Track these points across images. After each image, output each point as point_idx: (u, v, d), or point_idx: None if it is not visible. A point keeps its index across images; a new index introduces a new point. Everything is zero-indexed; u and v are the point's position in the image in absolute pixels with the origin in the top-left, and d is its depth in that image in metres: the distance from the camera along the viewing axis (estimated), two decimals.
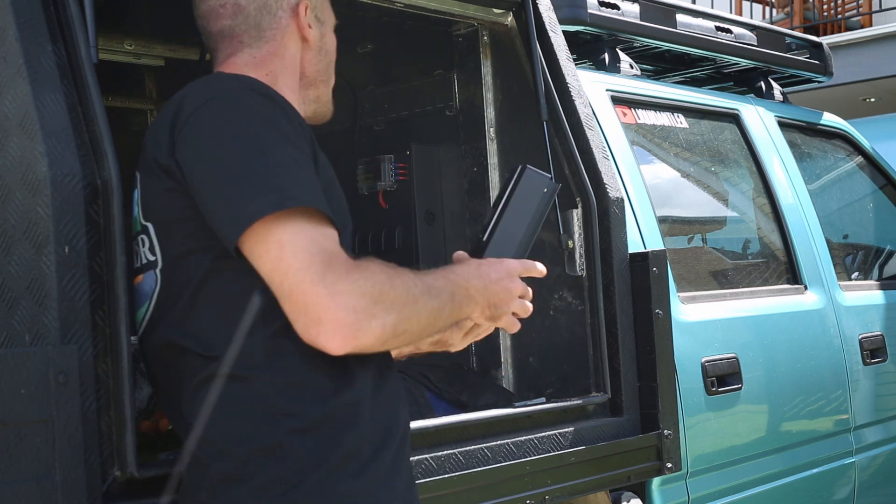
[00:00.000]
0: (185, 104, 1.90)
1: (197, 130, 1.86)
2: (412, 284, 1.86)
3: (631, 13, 3.99)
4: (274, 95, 1.92)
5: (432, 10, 2.92)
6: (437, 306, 1.90)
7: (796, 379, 3.88)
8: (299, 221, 1.78)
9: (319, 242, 1.79)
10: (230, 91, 1.91)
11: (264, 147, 1.82)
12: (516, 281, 2.07)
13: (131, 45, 3.24)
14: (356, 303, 1.76)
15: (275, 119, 1.86)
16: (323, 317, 1.75)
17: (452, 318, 1.96)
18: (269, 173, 1.80)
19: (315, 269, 1.76)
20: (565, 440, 2.76)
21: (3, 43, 1.98)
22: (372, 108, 3.39)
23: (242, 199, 1.78)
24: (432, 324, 1.91)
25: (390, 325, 1.80)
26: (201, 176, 1.84)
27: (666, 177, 4.05)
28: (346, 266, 1.78)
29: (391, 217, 3.12)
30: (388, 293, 1.80)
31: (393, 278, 1.83)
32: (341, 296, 1.75)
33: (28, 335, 1.91)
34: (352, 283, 1.76)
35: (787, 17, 11.76)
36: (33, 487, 1.82)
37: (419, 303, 1.85)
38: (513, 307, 2.07)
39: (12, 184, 1.95)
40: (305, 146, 1.89)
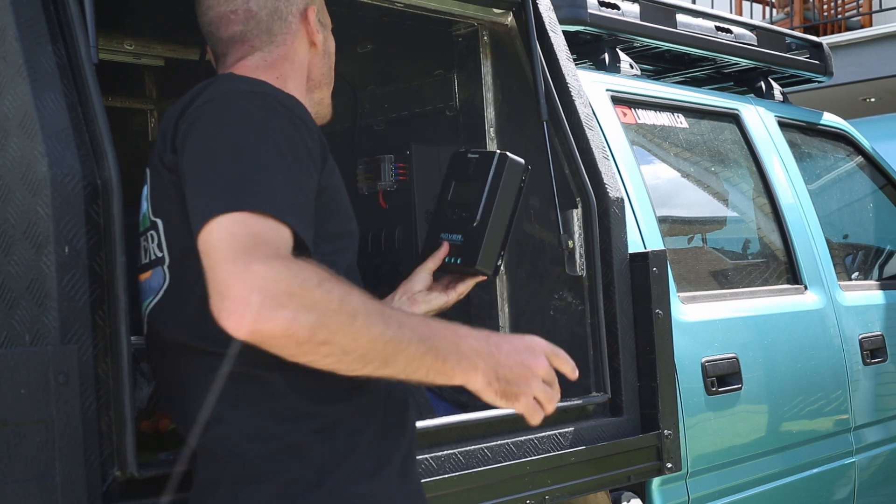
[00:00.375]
0: (192, 103, 1.91)
1: (195, 128, 1.87)
2: (356, 300, 1.70)
3: (631, 13, 3.99)
4: (283, 99, 1.92)
5: (432, 10, 2.92)
6: (393, 338, 1.71)
7: (796, 379, 3.89)
8: (245, 216, 1.73)
9: (251, 227, 1.71)
10: (235, 93, 1.91)
11: (247, 150, 1.81)
12: (539, 358, 1.88)
13: (131, 45, 3.24)
14: (265, 286, 1.63)
15: (271, 124, 1.86)
16: (226, 293, 1.64)
17: (431, 368, 1.76)
18: (241, 176, 1.78)
19: (233, 248, 1.68)
20: (565, 440, 2.77)
21: (3, 43, 1.98)
22: (372, 108, 3.39)
23: (205, 198, 1.77)
24: (383, 354, 1.71)
25: (304, 326, 1.64)
26: (186, 172, 1.85)
27: (666, 177, 4.05)
28: (271, 253, 1.68)
29: (391, 217, 3.12)
30: (312, 292, 1.66)
31: (327, 282, 1.68)
32: (250, 275, 1.64)
33: (28, 335, 1.91)
34: (268, 268, 1.65)
35: (787, 17, 11.76)
36: (33, 487, 1.82)
37: (356, 320, 1.68)
38: (533, 389, 1.86)
39: (12, 184, 1.95)
40: (304, 153, 1.87)
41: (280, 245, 1.72)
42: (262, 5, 2.11)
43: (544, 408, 1.89)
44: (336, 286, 1.69)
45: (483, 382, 1.82)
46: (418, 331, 1.76)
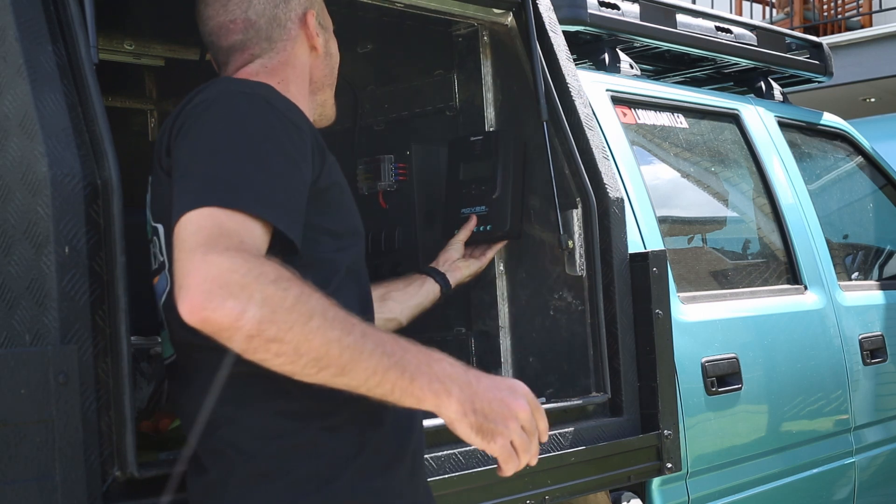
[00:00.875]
0: (185, 106, 1.93)
1: (183, 131, 1.88)
2: (315, 302, 1.67)
3: (631, 13, 3.99)
4: (279, 102, 1.93)
5: (432, 10, 2.92)
6: (351, 345, 1.67)
7: (796, 379, 3.89)
8: (214, 210, 1.73)
9: (218, 220, 1.71)
10: (225, 94, 1.92)
11: (229, 148, 1.82)
12: (520, 401, 1.78)
13: (131, 45, 3.24)
14: (218, 276, 1.62)
15: (256, 123, 1.87)
16: (183, 281, 1.64)
17: (397, 385, 1.70)
18: (217, 173, 1.78)
19: (197, 239, 1.68)
20: (565, 440, 2.77)
21: (3, 43, 1.98)
22: (372, 108, 3.39)
23: (182, 195, 1.78)
24: (339, 360, 1.67)
25: (253, 319, 1.61)
26: (173, 174, 1.87)
27: (666, 177, 4.05)
28: (232, 245, 1.67)
29: (391, 217, 3.12)
30: (266, 287, 1.63)
31: (285, 280, 1.66)
32: (206, 265, 1.63)
33: (28, 335, 1.91)
34: (224, 258, 1.64)
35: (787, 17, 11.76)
36: (33, 487, 1.82)
37: (311, 321, 1.65)
38: (511, 430, 1.76)
39: (12, 184, 1.95)
40: (291, 151, 1.87)
41: (245, 239, 1.71)
42: (260, 13, 2.12)
43: (519, 456, 1.77)
44: (294, 286, 1.66)
45: (458, 411, 1.73)
46: (385, 345, 1.70)
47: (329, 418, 1.85)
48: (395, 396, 1.71)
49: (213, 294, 1.62)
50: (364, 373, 1.68)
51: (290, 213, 1.82)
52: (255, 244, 1.73)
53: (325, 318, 1.66)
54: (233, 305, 1.61)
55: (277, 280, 1.65)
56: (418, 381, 1.71)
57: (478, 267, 2.94)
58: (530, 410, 1.78)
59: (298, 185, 1.86)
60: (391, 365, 1.69)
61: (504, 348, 3.10)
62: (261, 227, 1.76)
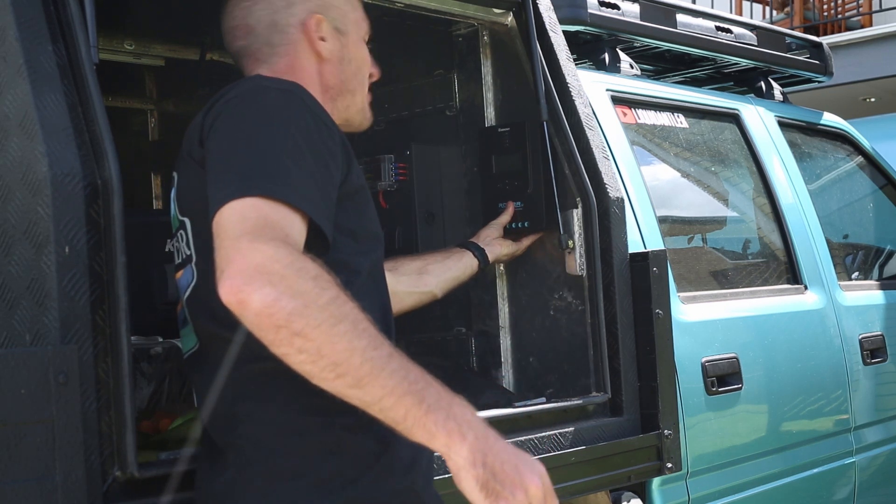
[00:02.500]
0: (220, 99, 1.94)
1: (218, 122, 1.89)
2: (348, 309, 1.67)
3: (631, 13, 3.99)
4: (311, 101, 1.94)
5: (432, 10, 2.92)
6: (373, 358, 1.65)
7: (796, 379, 3.89)
8: (258, 201, 1.74)
9: (263, 211, 1.72)
10: (259, 88, 1.93)
11: (266, 140, 1.83)
12: (535, 477, 1.72)
13: (131, 45, 3.24)
14: (262, 263, 1.64)
15: (291, 118, 1.87)
16: (227, 266, 1.67)
17: (410, 413, 1.66)
18: (257, 164, 1.79)
19: (242, 228, 1.70)
20: (565, 440, 2.76)
21: (3, 43, 1.98)
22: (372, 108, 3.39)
23: (222, 184, 1.78)
24: (358, 371, 1.65)
25: (284, 309, 1.62)
26: (208, 164, 1.87)
27: (666, 177, 4.05)
28: (278, 236, 1.69)
29: (391, 217, 3.12)
30: (304, 282, 1.64)
31: (324, 280, 1.67)
32: (252, 251, 1.66)
33: (28, 335, 1.91)
34: (269, 247, 1.66)
35: (787, 17, 11.76)
36: (33, 487, 1.82)
37: (340, 324, 1.64)
38: (517, 500, 1.69)
39: (12, 184, 1.95)
40: (323, 150, 1.88)
41: (289, 231, 1.73)
42: (259, 19, 2.12)
43: None
44: (333, 288, 1.67)
45: (467, 458, 1.68)
46: (409, 371, 1.67)
47: (352, 417, 1.83)
48: (407, 424, 1.67)
49: (254, 279, 1.63)
50: (381, 390, 1.65)
51: (325, 210, 1.84)
52: (298, 238, 1.74)
53: (354, 325, 1.66)
54: (269, 292, 1.62)
55: (317, 278, 1.66)
56: (434, 415, 1.67)
57: (515, 249, 2.97)
58: (543, 491, 1.71)
59: (330, 185, 1.88)
60: (410, 391, 1.66)
61: (504, 348, 3.11)
62: (300, 221, 1.77)
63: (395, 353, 1.69)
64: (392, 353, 1.68)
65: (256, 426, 1.86)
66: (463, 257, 2.90)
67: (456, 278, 2.89)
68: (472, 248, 2.92)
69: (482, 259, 2.92)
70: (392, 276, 2.73)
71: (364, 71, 2.22)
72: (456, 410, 1.69)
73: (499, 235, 2.96)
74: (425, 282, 2.82)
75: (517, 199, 2.99)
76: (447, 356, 3.17)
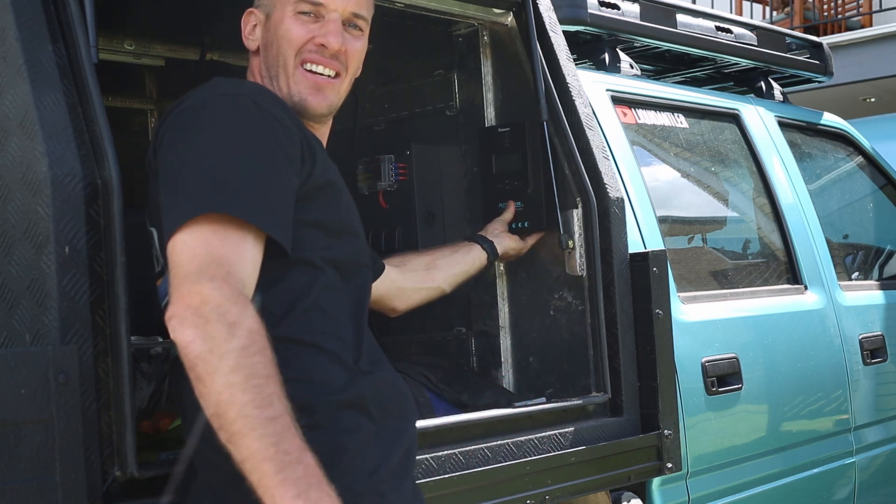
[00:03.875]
0: (173, 110, 1.95)
1: (167, 135, 1.91)
2: (250, 363, 1.67)
3: (631, 13, 3.99)
4: (266, 100, 1.94)
5: (432, 10, 2.92)
6: (249, 416, 1.64)
7: (796, 379, 3.88)
8: (207, 227, 1.77)
9: (210, 244, 1.76)
10: (210, 97, 1.93)
11: (213, 155, 1.84)
12: None
13: (131, 45, 3.24)
14: (196, 306, 1.71)
15: (241, 126, 1.88)
16: (172, 303, 1.74)
17: (262, 479, 1.63)
18: (205, 179, 1.81)
19: (189, 268, 1.75)
20: (565, 440, 2.76)
21: (4, 43, 1.98)
22: (372, 108, 3.39)
23: (172, 205, 1.81)
24: (230, 427, 1.64)
25: (195, 351, 1.69)
26: (160, 181, 1.90)
27: (666, 177, 4.05)
28: (219, 275, 1.73)
29: (391, 217, 3.12)
30: (218, 328, 1.69)
31: (240, 329, 1.68)
32: (190, 295, 1.72)
33: (28, 335, 1.91)
34: (206, 289, 1.71)
35: (787, 17, 11.76)
36: (33, 487, 1.82)
37: (232, 375, 1.66)
38: None
39: (12, 184, 1.95)
40: (277, 152, 1.88)
41: (234, 268, 1.75)
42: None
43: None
44: (245, 338, 1.68)
45: None
46: (286, 442, 1.64)
47: (309, 416, 1.83)
48: (260, 491, 1.64)
49: (185, 318, 1.70)
50: (244, 451, 1.64)
51: (280, 216, 1.84)
52: (243, 271, 1.77)
53: (246, 380, 1.66)
54: (189, 334, 1.70)
55: (233, 325, 1.69)
56: (283, 489, 1.63)
57: (521, 246, 2.97)
58: None
59: (287, 187, 1.87)
60: (272, 458, 1.63)
61: (504, 348, 3.11)
62: (252, 235, 1.79)
63: (281, 417, 1.66)
64: (276, 416, 1.65)
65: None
66: (471, 251, 2.90)
67: (465, 272, 2.88)
68: (480, 241, 2.92)
69: (491, 252, 2.92)
70: (400, 272, 2.73)
71: (286, 48, 2.10)
72: (313, 493, 1.64)
73: (505, 230, 2.97)
74: (433, 277, 2.81)
75: (517, 199, 3.00)
76: (447, 356, 3.17)
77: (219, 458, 1.82)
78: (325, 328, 1.92)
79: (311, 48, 2.09)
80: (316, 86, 2.10)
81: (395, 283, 2.72)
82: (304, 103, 2.09)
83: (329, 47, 2.09)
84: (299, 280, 1.90)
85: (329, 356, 1.90)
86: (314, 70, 2.10)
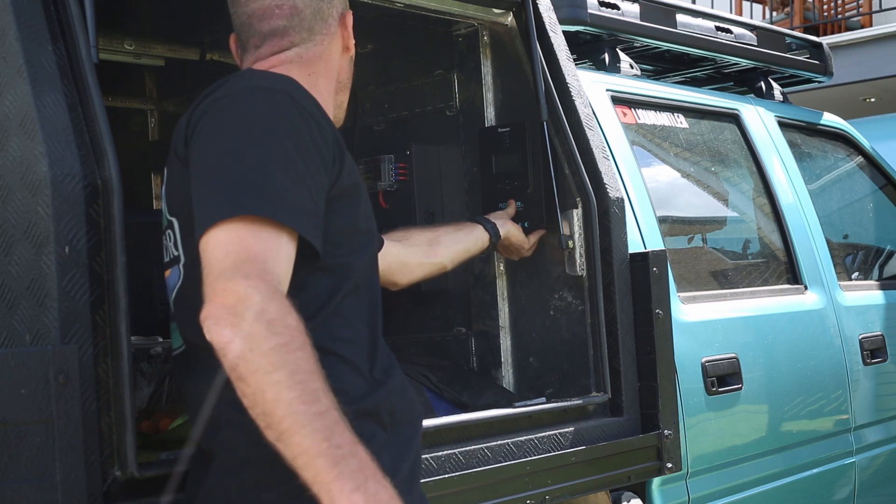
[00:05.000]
0: (207, 98, 1.92)
1: (202, 125, 1.87)
2: (292, 359, 1.64)
3: (631, 13, 3.99)
4: (302, 98, 1.92)
5: (432, 10, 2.92)
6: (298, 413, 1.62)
7: (796, 379, 3.88)
8: (241, 225, 1.75)
9: (244, 242, 1.73)
10: (247, 90, 1.91)
11: (250, 151, 1.82)
12: None
13: (131, 45, 3.24)
14: (231, 304, 1.67)
15: (278, 122, 1.85)
16: (207, 302, 1.70)
17: (318, 476, 1.61)
18: (242, 177, 1.79)
19: (225, 265, 1.72)
20: (565, 440, 2.76)
21: (4, 43, 1.98)
22: (372, 108, 3.39)
23: (208, 201, 1.79)
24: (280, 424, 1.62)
25: (234, 351, 1.66)
26: (192, 172, 1.86)
27: (666, 177, 4.05)
28: (255, 273, 1.70)
29: (391, 217, 3.12)
30: (257, 326, 1.66)
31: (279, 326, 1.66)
32: (225, 292, 1.68)
33: (28, 335, 1.91)
34: (242, 287, 1.68)
35: (787, 17, 11.76)
36: (33, 487, 1.82)
37: (276, 374, 1.63)
38: None
39: (12, 184, 1.95)
40: (313, 152, 1.86)
41: (271, 260, 1.73)
42: (307, 3, 2.11)
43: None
44: (285, 334, 1.66)
45: None
46: (337, 436, 1.62)
47: None
48: (316, 488, 1.61)
49: (221, 319, 1.67)
50: (296, 448, 1.62)
51: (314, 217, 1.82)
52: (279, 268, 1.75)
53: (291, 376, 1.64)
54: (226, 334, 1.66)
55: (273, 322, 1.66)
56: (340, 483, 1.61)
57: (523, 238, 2.98)
58: None
59: (320, 188, 1.86)
60: (325, 453, 1.61)
61: (504, 348, 3.11)
62: (287, 237, 1.77)
63: (329, 412, 1.64)
64: (324, 411, 1.64)
65: (234, 433, 1.84)
66: (474, 230, 2.90)
67: (467, 250, 2.88)
68: (483, 223, 2.92)
69: (494, 233, 2.92)
70: (402, 246, 2.72)
71: (334, 79, 2.18)
72: (371, 486, 1.63)
73: (507, 219, 2.98)
74: (436, 252, 2.81)
75: (517, 199, 3.00)
76: (447, 356, 3.17)
77: (237, 436, 1.82)
78: (344, 335, 1.91)
79: None
80: None
81: (398, 258, 2.71)
82: (342, 119, 2.19)
83: None
84: (324, 286, 1.89)
85: (348, 365, 1.89)
86: None
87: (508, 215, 2.99)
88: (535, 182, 2.97)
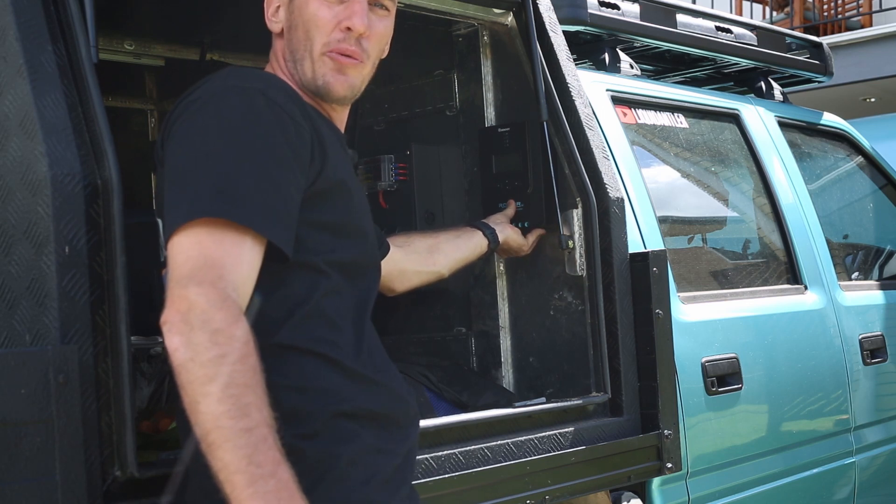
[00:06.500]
0: (184, 100, 1.92)
1: (175, 128, 1.89)
2: (228, 370, 1.65)
3: (631, 13, 3.99)
4: (278, 94, 1.91)
5: (432, 10, 2.92)
6: (226, 428, 1.63)
7: (796, 379, 3.88)
8: (203, 229, 1.76)
9: (204, 247, 1.75)
10: (221, 90, 1.90)
11: (219, 155, 1.82)
12: None
13: (131, 45, 3.24)
14: (184, 311, 1.69)
15: (250, 124, 1.85)
16: (165, 308, 1.72)
17: (234, 491, 1.63)
18: (206, 180, 1.79)
19: (182, 271, 1.74)
20: (565, 440, 2.76)
21: (4, 43, 1.98)
22: (372, 108, 3.39)
23: (172, 204, 1.80)
24: (208, 437, 1.64)
25: (179, 359, 1.68)
26: (165, 172, 1.88)
27: (666, 177, 4.05)
28: (208, 279, 1.71)
29: (391, 217, 3.12)
30: (201, 336, 1.67)
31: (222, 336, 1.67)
32: (180, 299, 1.70)
33: (28, 335, 1.91)
34: (195, 295, 1.70)
35: (787, 17, 11.76)
36: (33, 487, 1.82)
37: (210, 385, 1.64)
38: None
39: (12, 184, 1.95)
40: (286, 152, 1.85)
41: (226, 271, 1.73)
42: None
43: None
44: (226, 344, 1.67)
45: None
46: (260, 454, 1.63)
47: (304, 426, 1.83)
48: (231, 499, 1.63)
49: (173, 325, 1.69)
50: (218, 462, 1.64)
51: (282, 219, 1.82)
52: (237, 274, 1.75)
53: (223, 389, 1.65)
54: (175, 340, 1.69)
55: (216, 332, 1.68)
56: (252, 503, 1.62)
57: (522, 240, 2.98)
58: None
59: (293, 188, 1.85)
60: (244, 471, 1.62)
61: (504, 348, 3.11)
62: (251, 240, 1.78)
63: (258, 429, 1.65)
64: (251, 427, 1.64)
65: None
66: (474, 237, 2.90)
67: (466, 258, 2.89)
68: (482, 228, 2.92)
69: (493, 239, 2.92)
70: (403, 252, 2.72)
71: (313, 32, 2.03)
72: (274, 494, 1.64)
73: (507, 222, 2.98)
74: (435, 261, 2.81)
75: (517, 199, 3.00)
76: (447, 356, 3.17)
77: None
78: (325, 335, 1.90)
79: (337, 35, 2.04)
80: (339, 68, 2.05)
81: (398, 265, 2.71)
82: (328, 87, 2.05)
83: (354, 30, 2.04)
84: (301, 285, 1.88)
85: (329, 364, 1.88)
86: (339, 55, 2.05)
87: (507, 217, 2.99)
88: (535, 182, 2.97)
